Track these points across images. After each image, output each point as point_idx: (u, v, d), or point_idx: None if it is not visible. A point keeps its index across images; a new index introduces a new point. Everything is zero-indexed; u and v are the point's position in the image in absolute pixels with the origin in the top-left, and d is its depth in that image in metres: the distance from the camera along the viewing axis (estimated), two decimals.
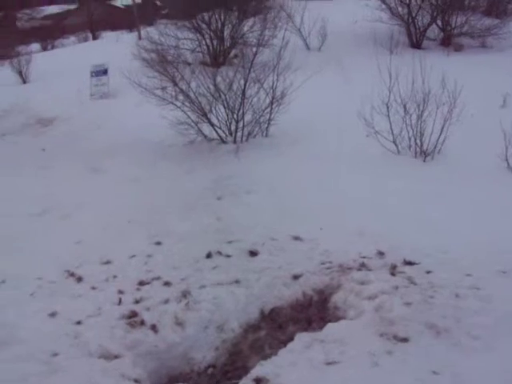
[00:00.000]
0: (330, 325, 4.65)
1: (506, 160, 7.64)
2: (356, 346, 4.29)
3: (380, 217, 6.61)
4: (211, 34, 14.38)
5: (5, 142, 10.70)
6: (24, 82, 15.19)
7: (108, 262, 5.89)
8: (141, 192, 7.72)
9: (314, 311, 5.14)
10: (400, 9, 15.40)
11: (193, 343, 4.83)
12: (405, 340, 4.38)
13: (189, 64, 11.25)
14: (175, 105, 9.52)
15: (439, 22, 15.48)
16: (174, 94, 9.59)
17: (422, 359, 4.13)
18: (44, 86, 13.41)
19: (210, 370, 4.75)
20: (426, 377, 3.93)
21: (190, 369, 4.75)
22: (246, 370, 4.68)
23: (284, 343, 4.83)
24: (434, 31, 15.62)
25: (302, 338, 4.47)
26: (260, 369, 4.11)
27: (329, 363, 4.11)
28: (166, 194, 7.66)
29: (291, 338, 4.81)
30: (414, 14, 15.16)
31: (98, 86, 13.07)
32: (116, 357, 4.37)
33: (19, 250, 6.10)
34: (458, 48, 14.63)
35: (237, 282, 5.42)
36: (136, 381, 4.12)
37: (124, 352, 4.44)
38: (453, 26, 15.20)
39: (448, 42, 15.14)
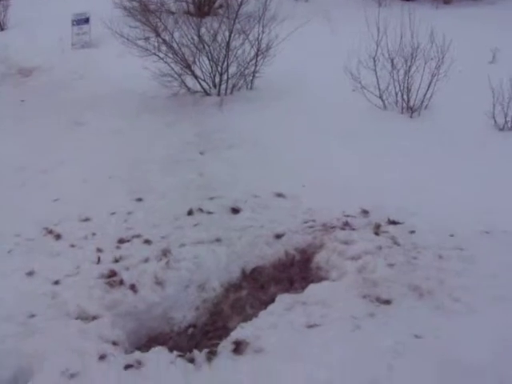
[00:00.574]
0: (311, 286, 4.57)
1: (494, 118, 7.50)
2: (338, 308, 4.22)
3: (365, 174, 6.49)
4: None
5: None
6: (1, 28, 14.61)
7: (87, 219, 5.73)
8: (122, 146, 7.52)
9: (296, 271, 5.05)
10: None
11: (173, 303, 4.72)
12: (387, 302, 4.31)
13: (172, 13, 10.87)
14: (158, 56, 9.24)
15: None
16: (156, 44, 9.30)
17: (404, 322, 4.07)
18: (24, 33, 12.91)
19: (190, 330, 4.66)
20: (408, 340, 3.87)
21: (169, 329, 4.66)
22: (226, 331, 4.60)
23: (265, 303, 4.74)
24: None
25: (283, 300, 4.38)
26: (240, 331, 4.03)
27: (310, 326, 4.03)
28: (148, 148, 7.47)
29: (273, 299, 4.72)
30: None
31: (79, 35, 12.64)
32: (94, 318, 4.26)
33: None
34: (448, 0, 14.32)
35: (218, 240, 5.30)
36: (114, 343, 4.02)
37: (102, 312, 4.33)
38: None
39: None
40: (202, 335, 4.63)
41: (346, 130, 7.60)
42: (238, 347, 3.84)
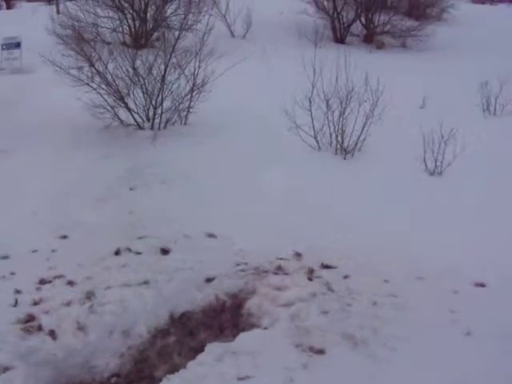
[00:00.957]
0: (242, 334, 4.35)
1: (424, 162, 7.56)
2: (270, 358, 4.02)
3: (298, 215, 6.36)
4: (134, 14, 13.72)
5: None
6: None
7: (5, 257, 5.33)
8: (49, 178, 7.13)
9: (227, 317, 4.82)
10: (326, 3, 15.30)
11: (95, 350, 4.40)
12: (321, 352, 4.15)
13: (108, 43, 10.60)
14: (91, 86, 8.90)
15: (363, 20, 15.50)
16: (90, 74, 8.98)
17: (338, 373, 3.93)
18: None
19: (113, 380, 4.36)
20: None
21: (91, 378, 4.34)
22: (152, 380, 4.34)
23: (194, 351, 4.50)
24: (357, 27, 15.64)
25: (212, 349, 4.14)
26: None
27: (241, 378, 3.81)
28: (77, 182, 7.11)
29: (202, 346, 4.48)
30: (338, 10, 15.11)
31: (9, 60, 12.18)
32: (6, 369, 3.90)
33: None
34: (380, 46, 14.70)
35: (146, 282, 5.02)
36: None
37: (16, 363, 3.96)
38: (376, 24, 15.26)
39: (370, 39, 15.20)
40: None
41: (281, 170, 7.47)
42: None
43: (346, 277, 5.21)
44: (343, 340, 4.29)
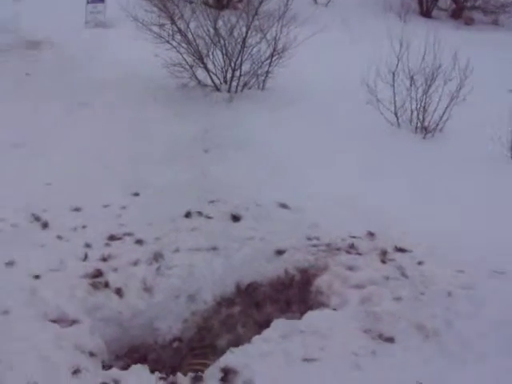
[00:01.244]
0: (310, 313, 4.17)
1: (511, 150, 7.11)
2: (338, 341, 3.83)
3: (373, 193, 6.08)
4: None
5: None
6: None
7: (78, 210, 5.30)
8: (124, 134, 7.07)
9: (294, 292, 4.65)
10: None
11: (159, 312, 4.33)
12: (390, 340, 3.93)
13: (190, 2, 10.38)
14: (171, 44, 8.77)
15: None
16: (170, 32, 8.84)
17: (407, 366, 3.69)
18: (38, 5, 12.42)
19: (175, 344, 4.29)
20: None
21: (153, 340, 4.27)
22: (214, 349, 4.25)
23: (259, 324, 4.38)
24: (445, 1, 14.86)
25: (279, 326, 3.97)
26: (229, 357, 3.62)
27: (306, 359, 3.63)
28: (151, 140, 7.02)
29: (267, 320, 4.34)
30: None
31: (93, 14, 12.13)
32: (73, 322, 3.86)
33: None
34: (469, 22, 13.93)
35: (215, 249, 4.89)
36: (91, 353, 3.61)
37: (83, 317, 3.92)
38: None
39: (459, 14, 14.40)
40: (188, 351, 4.26)
41: (357, 145, 7.19)
42: (226, 376, 3.44)
43: (420, 263, 4.94)
44: (414, 330, 4.04)
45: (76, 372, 3.30)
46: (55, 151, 6.36)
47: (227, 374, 3.45)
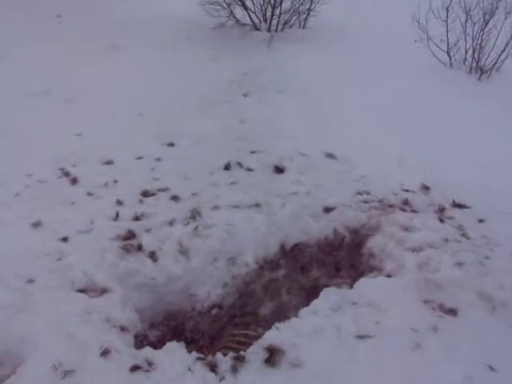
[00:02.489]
0: (363, 281, 3.67)
1: None
2: (395, 315, 3.34)
3: (424, 141, 5.52)
4: None
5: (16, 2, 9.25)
6: None
7: (110, 163, 4.85)
8: (158, 79, 6.56)
9: (344, 255, 4.16)
10: None
11: (197, 276, 3.89)
12: (453, 312, 3.41)
13: None
14: None
15: None
16: None
17: (474, 345, 3.19)
18: None
19: (214, 311, 3.87)
20: (479, 373, 2.99)
21: (191, 306, 3.86)
22: (256, 317, 3.82)
23: (305, 290, 3.94)
24: None
25: (329, 296, 3.49)
26: (275, 334, 3.17)
27: (361, 336, 3.17)
28: (187, 84, 6.49)
29: (314, 286, 3.92)
30: None
31: None
32: (103, 291, 3.44)
33: (9, 136, 5.06)
34: None
35: (257, 205, 4.40)
36: (123, 328, 3.21)
37: (113, 285, 3.51)
38: None
39: None
40: (228, 319, 3.85)
41: (406, 87, 6.57)
42: (272, 357, 3.00)
43: (481, 220, 4.39)
44: (479, 301, 3.51)
45: (105, 353, 2.90)
46: (85, 98, 5.90)
47: (272, 354, 3.01)
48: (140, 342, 3.56)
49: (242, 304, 3.90)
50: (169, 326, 3.77)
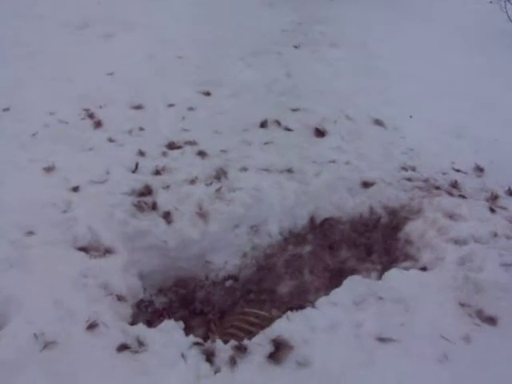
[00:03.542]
0: (393, 272, 3.22)
1: None
2: (424, 316, 2.90)
3: (486, 119, 4.94)
4: None
5: None
6: None
7: (139, 107, 4.47)
8: (203, 21, 6.09)
9: (378, 237, 3.71)
10: None
11: (214, 243, 3.52)
12: (492, 321, 2.95)
13: None
14: None
15: None
16: None
17: (509, 360, 2.74)
18: None
19: (228, 283, 3.52)
20: None
21: (204, 275, 3.51)
22: (273, 295, 3.46)
23: (330, 272, 3.52)
24: None
25: (353, 285, 3.07)
26: (285, 325, 2.78)
27: (382, 339, 2.75)
28: (233, 30, 6.01)
29: (340, 269, 3.50)
30: None
31: None
32: (106, 251, 3.12)
33: (38, 69, 4.70)
34: None
35: (289, 171, 3.98)
36: (120, 297, 2.88)
37: (118, 245, 3.18)
38: None
39: None
40: (243, 293, 3.49)
41: (475, 57, 5.92)
42: (278, 352, 2.62)
43: None
44: None
45: (92, 326, 2.58)
46: (123, 34, 5.51)
47: (278, 348, 2.63)
48: (145, 307, 3.27)
49: (259, 278, 3.52)
50: (178, 293, 3.45)
